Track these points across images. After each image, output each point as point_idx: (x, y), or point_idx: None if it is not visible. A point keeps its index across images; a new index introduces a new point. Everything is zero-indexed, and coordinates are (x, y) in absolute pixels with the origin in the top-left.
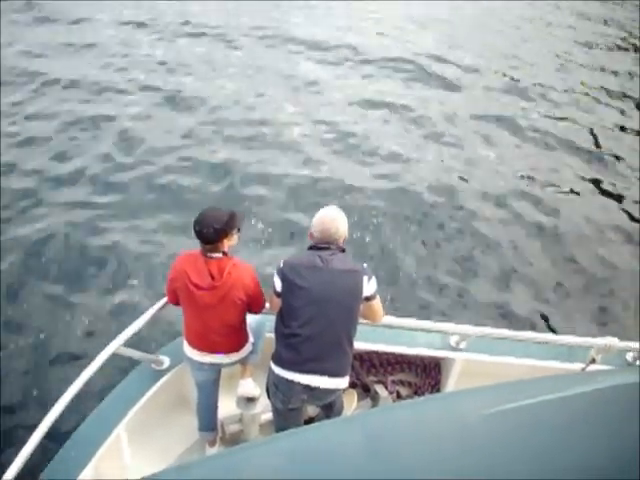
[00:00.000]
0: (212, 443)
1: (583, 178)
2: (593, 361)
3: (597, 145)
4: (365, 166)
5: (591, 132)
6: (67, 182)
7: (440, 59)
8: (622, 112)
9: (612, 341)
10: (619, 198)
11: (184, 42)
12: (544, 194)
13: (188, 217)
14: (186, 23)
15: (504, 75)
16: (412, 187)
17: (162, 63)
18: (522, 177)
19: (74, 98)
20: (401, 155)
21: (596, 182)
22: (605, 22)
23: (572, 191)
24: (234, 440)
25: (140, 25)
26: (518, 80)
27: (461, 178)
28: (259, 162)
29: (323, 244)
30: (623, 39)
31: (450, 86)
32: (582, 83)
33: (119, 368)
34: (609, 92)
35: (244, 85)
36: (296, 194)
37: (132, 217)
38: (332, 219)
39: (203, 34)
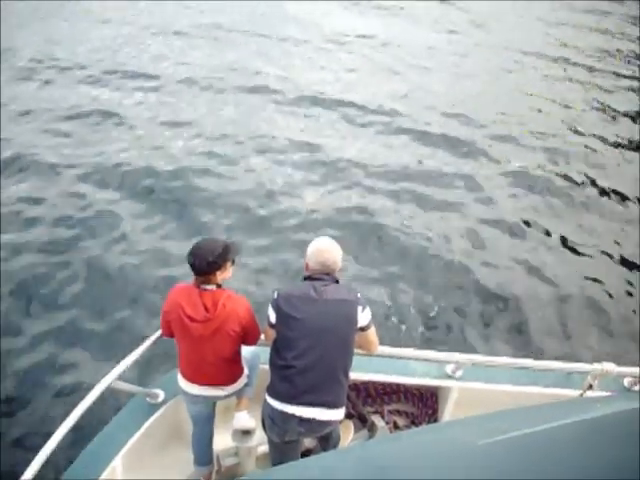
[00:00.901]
0: (208, 477)
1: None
2: (590, 387)
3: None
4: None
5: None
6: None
7: (448, 116)
8: None
9: (609, 366)
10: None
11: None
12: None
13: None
14: (155, 77)
15: (528, 132)
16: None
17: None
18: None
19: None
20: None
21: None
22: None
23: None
24: (230, 474)
25: (98, 81)
26: (545, 139)
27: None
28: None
29: (318, 275)
30: None
31: (465, 150)
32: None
33: (114, 402)
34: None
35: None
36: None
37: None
38: (327, 249)
39: (174, 90)
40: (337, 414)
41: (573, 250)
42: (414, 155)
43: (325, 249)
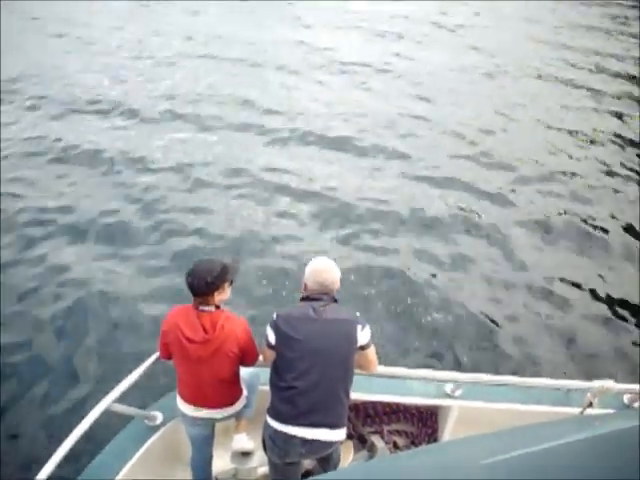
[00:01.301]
0: None
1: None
2: (590, 405)
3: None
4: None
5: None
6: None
7: (460, 157)
8: None
9: (608, 383)
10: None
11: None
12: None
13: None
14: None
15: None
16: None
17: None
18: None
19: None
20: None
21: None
22: None
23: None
24: None
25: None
26: (568, 180)
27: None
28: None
29: (317, 295)
30: None
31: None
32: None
33: (112, 424)
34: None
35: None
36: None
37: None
38: (326, 269)
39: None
40: (339, 434)
41: (579, 285)
42: (424, 200)
43: (323, 269)
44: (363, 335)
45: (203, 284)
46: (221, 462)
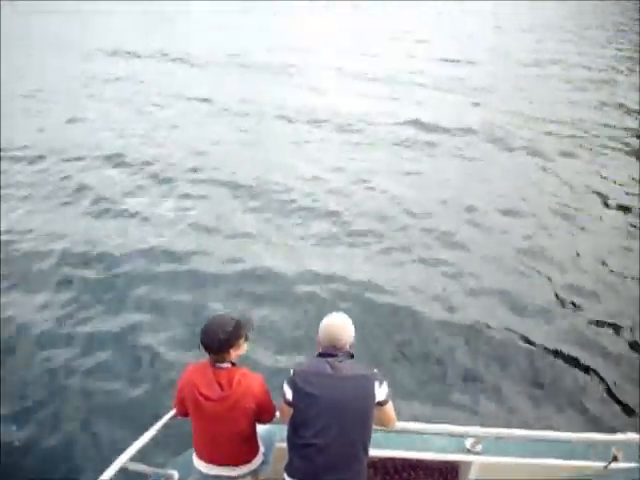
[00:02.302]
0: None
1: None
2: (615, 459)
3: None
4: None
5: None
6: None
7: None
8: None
9: (633, 436)
10: None
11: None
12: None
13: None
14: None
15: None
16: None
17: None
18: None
19: None
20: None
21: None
22: None
23: None
24: None
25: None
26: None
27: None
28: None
29: (332, 351)
30: None
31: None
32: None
33: None
34: None
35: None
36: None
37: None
38: (336, 324)
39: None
40: None
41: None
42: (444, 301)
43: (334, 323)
44: (381, 391)
45: (216, 341)
46: None
